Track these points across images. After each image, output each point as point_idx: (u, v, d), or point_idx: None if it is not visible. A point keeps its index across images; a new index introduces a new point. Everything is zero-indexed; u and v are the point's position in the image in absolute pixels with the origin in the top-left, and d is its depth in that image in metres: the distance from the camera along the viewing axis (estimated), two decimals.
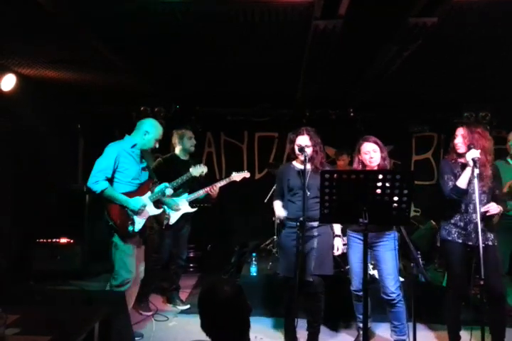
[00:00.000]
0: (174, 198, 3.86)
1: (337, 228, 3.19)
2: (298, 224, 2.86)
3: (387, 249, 3.04)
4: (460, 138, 2.93)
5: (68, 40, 3.39)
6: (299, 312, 3.01)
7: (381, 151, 3.07)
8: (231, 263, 4.97)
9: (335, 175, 2.27)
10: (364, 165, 3.12)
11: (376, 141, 3.09)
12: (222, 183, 3.94)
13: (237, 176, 3.99)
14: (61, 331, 1.98)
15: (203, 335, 3.27)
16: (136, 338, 3.27)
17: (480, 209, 2.68)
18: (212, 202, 4.50)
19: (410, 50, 3.13)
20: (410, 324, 2.83)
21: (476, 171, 2.72)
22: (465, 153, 2.87)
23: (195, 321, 3.77)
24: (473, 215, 2.86)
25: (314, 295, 3.08)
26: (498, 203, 2.89)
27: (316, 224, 3.02)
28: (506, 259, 3.74)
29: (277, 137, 6.24)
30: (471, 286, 2.97)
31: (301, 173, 3.02)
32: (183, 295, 4.37)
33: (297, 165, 3.18)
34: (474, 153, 2.78)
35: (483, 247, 2.78)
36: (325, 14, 2.62)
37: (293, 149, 3.13)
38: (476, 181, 2.71)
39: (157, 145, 3.37)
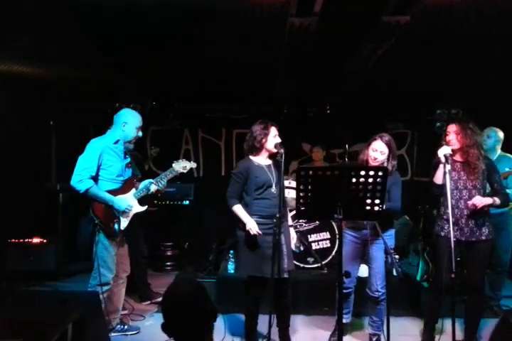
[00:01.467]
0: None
1: (289, 219, 3.21)
2: (275, 220, 2.82)
3: (380, 247, 3.02)
4: (453, 135, 2.96)
5: (41, 35, 3.29)
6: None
7: (391, 156, 3.02)
8: (208, 260, 4.95)
9: (310, 172, 2.29)
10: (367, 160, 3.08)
11: (389, 144, 3.02)
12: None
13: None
14: (32, 333, 1.93)
15: None
16: (133, 332, 3.38)
17: (451, 204, 2.77)
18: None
19: (384, 48, 3.17)
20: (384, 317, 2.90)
21: (448, 167, 2.80)
22: (458, 149, 2.94)
23: None
24: (464, 211, 2.95)
25: (284, 290, 3.06)
26: (498, 197, 2.92)
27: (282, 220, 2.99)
28: None
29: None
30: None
31: (268, 169, 3.02)
32: (160, 294, 4.33)
33: (259, 160, 3.07)
34: (446, 150, 2.85)
35: (475, 241, 2.94)
36: (300, 11, 2.63)
37: (265, 142, 3.00)
38: (447, 177, 2.78)
39: (140, 134, 3.27)
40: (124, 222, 3.17)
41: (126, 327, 3.40)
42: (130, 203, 3.17)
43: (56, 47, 3.59)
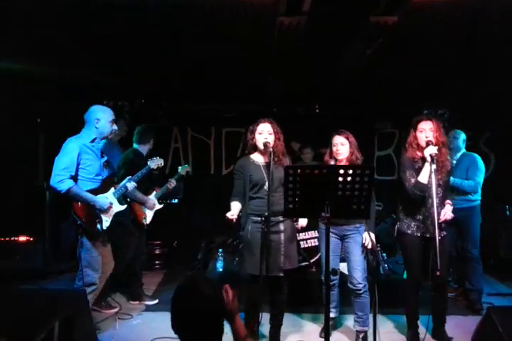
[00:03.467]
0: (150, 196, 4.02)
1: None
2: (263, 219, 2.85)
3: (357, 241, 3.14)
4: (430, 132, 2.97)
5: (30, 32, 3.26)
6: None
7: (350, 146, 3.15)
8: (197, 259, 4.96)
9: (298, 171, 2.30)
10: (334, 156, 3.21)
11: (347, 136, 3.16)
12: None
13: (183, 171, 4.37)
14: (18, 331, 1.92)
15: (167, 333, 3.25)
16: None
17: (436, 202, 2.82)
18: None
19: (372, 48, 3.21)
20: (371, 315, 2.93)
21: (433, 166, 2.84)
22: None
23: (159, 319, 3.80)
24: (432, 209, 2.95)
25: (279, 287, 3.09)
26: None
27: (282, 218, 2.99)
28: None
29: (244, 133, 6.23)
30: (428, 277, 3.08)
31: (264, 167, 3.00)
32: (149, 292, 4.32)
33: (256, 158, 3.10)
34: (432, 149, 2.89)
35: (439, 239, 2.91)
36: (289, 10, 2.64)
37: (253, 139, 3.03)
38: (433, 176, 2.82)
39: (115, 127, 3.23)
40: (106, 222, 3.15)
41: None
42: (111, 201, 3.18)
43: (44, 45, 3.56)
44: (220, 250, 4.44)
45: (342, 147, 3.15)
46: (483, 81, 4.52)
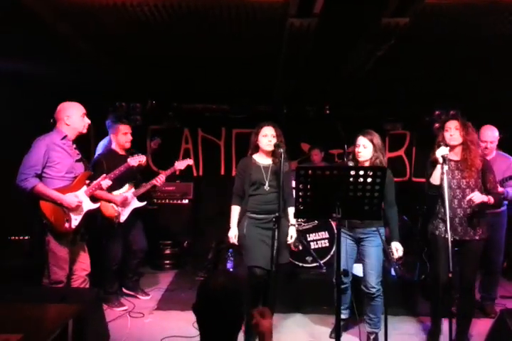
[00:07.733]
0: (120, 192, 3.86)
1: (291, 218, 3.29)
2: (274, 220, 2.95)
3: (373, 244, 3.12)
4: (454, 131, 2.96)
5: (41, 33, 3.30)
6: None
7: (374, 150, 3.05)
8: (208, 259, 4.98)
9: (310, 172, 2.31)
10: (355, 158, 3.14)
11: (372, 138, 3.07)
12: (168, 173, 4.04)
13: (180, 164, 4.08)
14: (34, 328, 1.96)
15: (178, 331, 3.30)
16: None
17: (455, 204, 2.80)
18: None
19: (383, 49, 3.20)
20: (382, 316, 2.92)
21: (445, 168, 2.82)
22: (458, 145, 2.96)
23: (171, 317, 3.82)
24: (458, 210, 2.96)
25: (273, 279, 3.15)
26: (492, 196, 2.92)
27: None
28: None
29: None
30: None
31: (264, 168, 3.18)
32: (159, 292, 4.36)
33: (258, 159, 3.26)
34: (444, 150, 2.87)
35: (468, 241, 2.95)
36: (300, 12, 2.65)
37: (256, 141, 3.22)
38: (445, 177, 2.80)
39: (88, 121, 3.19)
40: (76, 220, 3.06)
41: None
42: (80, 199, 3.06)
43: (55, 45, 3.60)
44: (230, 250, 4.45)
45: (364, 150, 3.06)
46: (496, 81, 4.47)
